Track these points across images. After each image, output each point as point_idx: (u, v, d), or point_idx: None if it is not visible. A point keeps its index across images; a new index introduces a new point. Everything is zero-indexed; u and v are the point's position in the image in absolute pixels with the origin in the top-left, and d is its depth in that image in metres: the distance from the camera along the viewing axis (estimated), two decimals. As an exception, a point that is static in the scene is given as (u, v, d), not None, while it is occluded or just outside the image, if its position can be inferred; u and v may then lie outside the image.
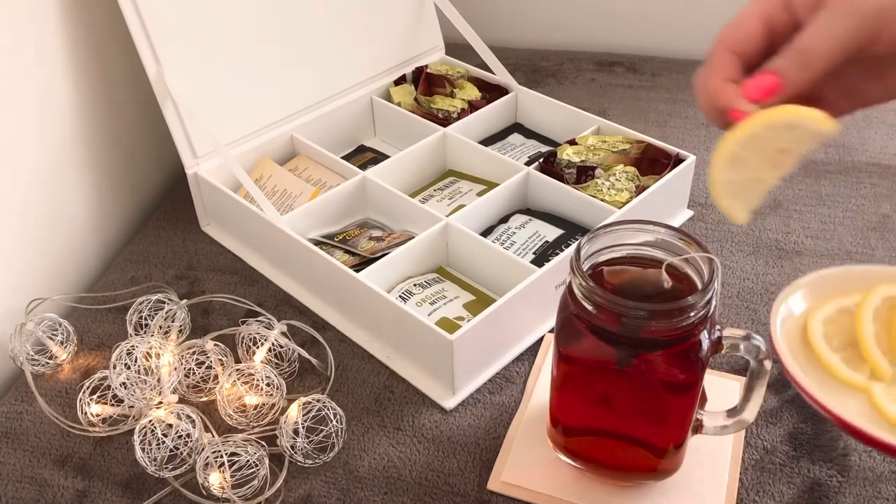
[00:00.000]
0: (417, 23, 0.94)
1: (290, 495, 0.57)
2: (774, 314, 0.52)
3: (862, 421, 0.46)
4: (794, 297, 0.54)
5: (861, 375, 0.50)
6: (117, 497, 0.58)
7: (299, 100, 0.85)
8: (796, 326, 0.53)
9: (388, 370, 0.66)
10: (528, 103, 0.90)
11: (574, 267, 0.47)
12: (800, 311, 0.54)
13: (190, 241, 0.81)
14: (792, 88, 0.40)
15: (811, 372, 0.51)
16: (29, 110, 0.71)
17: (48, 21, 0.72)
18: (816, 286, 0.55)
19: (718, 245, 0.77)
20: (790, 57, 0.40)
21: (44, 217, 0.74)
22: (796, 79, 0.40)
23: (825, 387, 0.49)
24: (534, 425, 0.61)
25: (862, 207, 0.81)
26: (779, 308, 0.53)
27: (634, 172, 0.76)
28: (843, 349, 0.51)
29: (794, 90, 0.41)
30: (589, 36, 1.13)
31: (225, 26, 0.78)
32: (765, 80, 0.41)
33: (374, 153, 0.89)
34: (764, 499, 0.56)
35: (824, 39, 0.39)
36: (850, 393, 0.50)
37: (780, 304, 0.53)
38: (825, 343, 0.52)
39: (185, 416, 0.58)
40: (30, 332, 0.67)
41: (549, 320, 0.69)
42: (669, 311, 0.46)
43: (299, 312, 0.72)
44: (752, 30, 0.42)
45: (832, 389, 0.50)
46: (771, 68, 0.41)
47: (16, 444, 0.62)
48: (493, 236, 0.74)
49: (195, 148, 0.77)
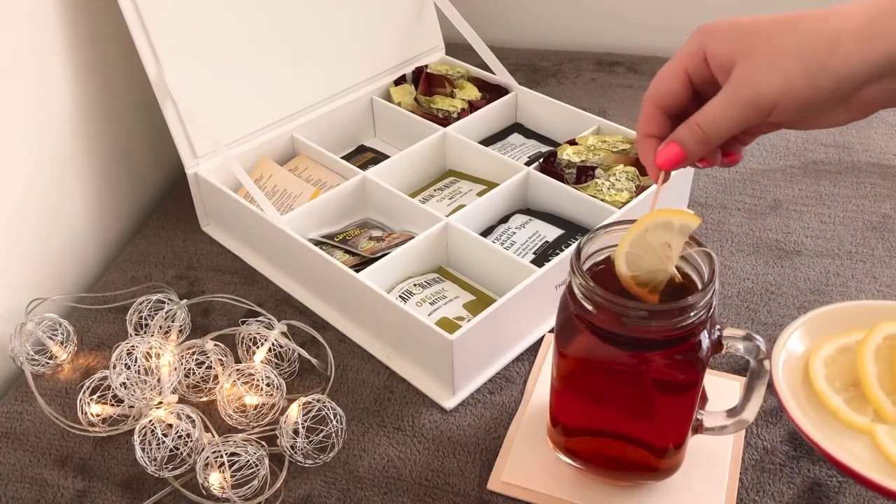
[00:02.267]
0: (417, 23, 0.94)
1: (290, 495, 0.57)
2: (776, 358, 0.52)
3: (865, 467, 0.46)
4: (794, 336, 0.54)
5: (864, 417, 0.50)
6: (117, 497, 0.58)
7: (299, 100, 0.85)
8: (798, 367, 0.53)
9: (388, 370, 0.66)
10: (528, 103, 0.90)
11: (574, 267, 0.47)
12: (800, 350, 0.54)
13: (190, 241, 0.81)
14: (693, 158, 0.45)
15: (814, 414, 0.50)
16: (29, 110, 0.71)
17: (48, 21, 0.72)
18: (816, 324, 0.55)
19: (718, 245, 0.77)
20: (692, 131, 0.44)
21: (44, 217, 0.74)
22: (697, 151, 0.45)
23: (828, 431, 0.49)
24: (534, 425, 0.61)
25: (862, 207, 0.81)
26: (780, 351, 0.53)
27: (634, 172, 0.76)
28: (845, 390, 0.51)
29: (696, 159, 0.46)
30: (589, 36, 1.13)
31: (225, 26, 0.78)
32: (670, 151, 0.45)
33: (374, 153, 0.89)
34: (764, 499, 0.56)
35: (720, 120, 0.43)
36: (853, 435, 0.49)
37: (781, 346, 0.53)
38: (827, 384, 0.52)
39: (185, 416, 0.58)
40: (30, 332, 0.67)
41: (549, 320, 0.69)
42: (669, 311, 0.46)
43: (299, 312, 0.72)
44: (674, 87, 0.46)
45: (835, 433, 0.49)
46: (675, 138, 0.45)
47: (16, 444, 0.62)
48: (493, 236, 0.74)
49: (195, 148, 0.77)
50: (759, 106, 0.42)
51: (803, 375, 0.53)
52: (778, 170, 0.86)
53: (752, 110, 0.42)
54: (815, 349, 0.53)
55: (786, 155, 0.88)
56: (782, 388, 0.51)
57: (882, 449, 0.48)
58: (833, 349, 0.53)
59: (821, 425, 0.50)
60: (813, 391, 0.51)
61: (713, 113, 0.43)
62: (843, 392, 0.51)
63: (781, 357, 0.53)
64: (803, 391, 0.52)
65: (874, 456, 0.48)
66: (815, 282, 0.72)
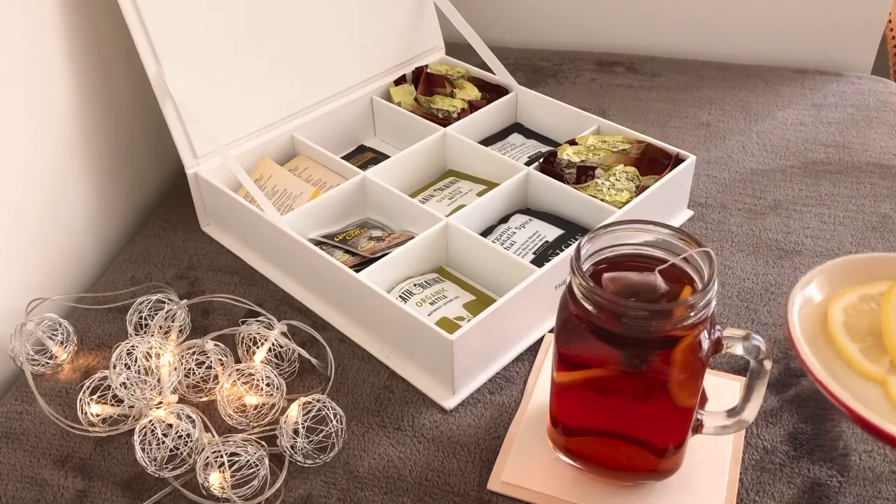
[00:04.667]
0: (417, 23, 0.94)
1: (290, 495, 0.57)
2: (792, 300, 0.51)
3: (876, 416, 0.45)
4: (815, 283, 0.53)
5: (879, 367, 0.49)
6: (117, 497, 0.58)
7: (299, 100, 0.85)
8: (815, 314, 0.52)
9: (388, 370, 0.66)
10: (528, 103, 0.90)
11: (574, 267, 0.47)
12: (819, 298, 0.53)
13: (190, 241, 0.81)
14: None
15: (827, 361, 0.50)
16: (29, 110, 0.71)
17: (48, 21, 0.72)
18: (839, 273, 0.54)
19: (718, 245, 0.77)
20: None
21: (44, 217, 0.74)
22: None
23: (841, 378, 0.48)
24: (534, 425, 0.61)
25: (862, 207, 0.81)
26: (797, 294, 0.52)
27: (634, 172, 0.76)
28: (862, 339, 0.50)
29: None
30: (589, 36, 1.13)
31: (225, 26, 0.78)
32: None
33: (374, 153, 0.89)
34: (764, 499, 0.56)
35: None
36: (866, 384, 0.49)
37: (799, 290, 0.52)
38: (844, 332, 0.51)
39: (185, 416, 0.58)
40: (30, 332, 0.67)
41: (549, 320, 0.69)
42: (669, 311, 0.46)
43: (299, 312, 0.72)
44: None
45: (848, 380, 0.49)
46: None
47: (16, 444, 0.62)
48: (493, 236, 0.74)
49: (195, 148, 0.77)
50: None
51: (821, 321, 0.52)
52: (778, 170, 0.86)
53: None
54: (837, 296, 0.52)
55: (786, 155, 0.88)
56: (797, 334, 0.50)
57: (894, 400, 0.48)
58: (856, 297, 0.52)
59: (834, 371, 0.49)
60: (829, 337, 0.51)
61: None
62: (860, 341, 0.50)
63: (797, 302, 0.52)
64: (819, 337, 0.51)
65: (887, 407, 0.48)
66: (815, 282, 0.72)
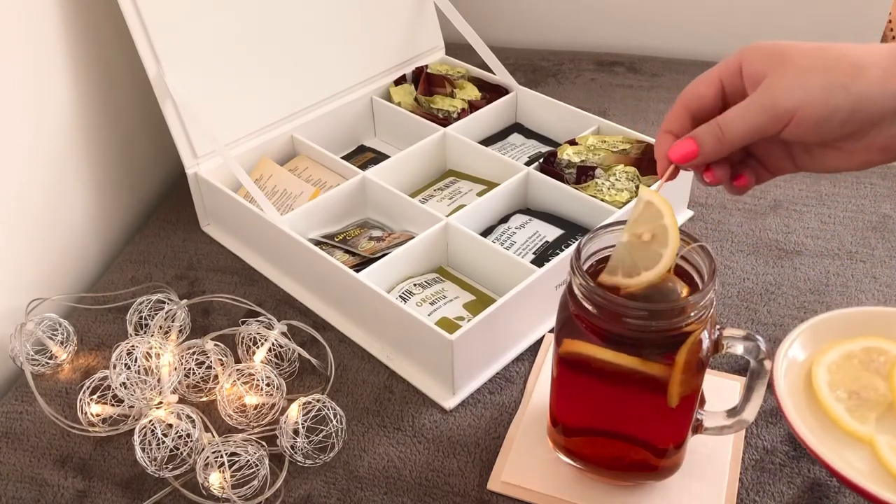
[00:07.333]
0: (417, 23, 0.94)
1: (290, 495, 0.57)
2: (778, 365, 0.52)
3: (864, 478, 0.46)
4: (796, 343, 0.54)
5: (866, 426, 0.50)
6: (117, 497, 0.58)
7: (299, 100, 0.85)
8: (800, 374, 0.53)
9: (388, 370, 0.66)
10: (528, 103, 0.90)
11: (574, 267, 0.47)
12: (802, 357, 0.54)
13: (190, 241, 0.81)
14: (706, 158, 0.46)
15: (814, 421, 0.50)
16: (29, 110, 0.71)
17: (48, 21, 0.72)
18: (817, 331, 0.55)
19: (718, 245, 0.77)
20: (711, 130, 0.46)
21: (44, 217, 0.74)
22: (711, 150, 0.46)
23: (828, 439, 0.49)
24: (534, 425, 0.61)
25: (862, 207, 0.81)
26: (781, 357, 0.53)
27: (634, 172, 0.76)
28: (847, 398, 0.51)
29: (709, 159, 0.47)
30: (589, 36, 1.13)
31: (225, 26, 0.78)
32: (685, 146, 0.46)
33: (374, 153, 0.89)
34: (764, 499, 0.56)
35: (738, 123, 0.45)
36: (853, 444, 0.49)
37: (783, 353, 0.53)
38: (829, 391, 0.51)
39: (185, 416, 0.58)
40: (30, 332, 0.67)
41: (549, 320, 0.69)
42: (670, 311, 0.46)
43: (299, 312, 0.72)
44: (704, 91, 0.47)
45: (836, 441, 0.49)
46: (692, 134, 0.46)
47: (16, 444, 0.62)
48: (493, 236, 0.74)
49: (195, 148, 0.77)
50: (777, 112, 0.43)
51: (805, 382, 0.52)
52: (778, 170, 0.86)
53: (769, 114, 0.43)
54: (819, 355, 0.53)
55: (786, 155, 0.88)
56: (783, 395, 0.50)
57: (882, 460, 0.48)
58: (838, 355, 0.53)
59: (820, 433, 0.49)
60: (814, 397, 0.51)
61: (733, 113, 0.45)
62: (845, 400, 0.51)
63: (783, 364, 0.53)
64: (805, 397, 0.52)
65: (873, 467, 0.48)
66: (815, 282, 0.72)
